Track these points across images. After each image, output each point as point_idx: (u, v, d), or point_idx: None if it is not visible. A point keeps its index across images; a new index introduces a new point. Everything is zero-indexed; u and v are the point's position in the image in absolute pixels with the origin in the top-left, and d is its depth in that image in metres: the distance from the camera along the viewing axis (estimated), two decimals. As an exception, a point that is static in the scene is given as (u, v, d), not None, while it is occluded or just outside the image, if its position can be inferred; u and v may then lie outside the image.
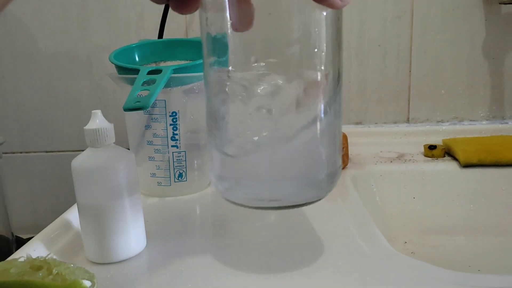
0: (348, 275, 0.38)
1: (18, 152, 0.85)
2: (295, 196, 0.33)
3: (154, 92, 0.44)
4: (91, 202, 0.39)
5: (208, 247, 0.44)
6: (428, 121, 0.80)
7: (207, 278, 0.38)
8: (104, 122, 0.39)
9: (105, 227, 0.39)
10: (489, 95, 0.78)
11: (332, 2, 0.25)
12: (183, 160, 0.56)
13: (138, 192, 0.41)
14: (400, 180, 0.69)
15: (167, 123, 0.54)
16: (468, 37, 0.76)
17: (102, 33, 0.79)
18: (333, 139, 0.33)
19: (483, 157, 0.67)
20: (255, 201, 0.33)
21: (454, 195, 0.68)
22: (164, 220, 0.51)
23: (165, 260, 0.41)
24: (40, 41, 0.80)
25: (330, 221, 0.49)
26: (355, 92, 0.79)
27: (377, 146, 0.77)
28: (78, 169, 0.39)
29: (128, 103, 0.42)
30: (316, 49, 0.31)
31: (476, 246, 0.65)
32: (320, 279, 0.37)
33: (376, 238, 0.45)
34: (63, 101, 0.82)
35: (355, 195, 0.58)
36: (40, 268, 0.31)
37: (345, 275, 0.38)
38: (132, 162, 0.40)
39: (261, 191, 0.32)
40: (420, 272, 0.38)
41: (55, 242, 0.44)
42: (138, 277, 0.38)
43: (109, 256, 0.40)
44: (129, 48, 0.60)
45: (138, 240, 0.42)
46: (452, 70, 0.78)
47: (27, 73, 0.81)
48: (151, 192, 0.57)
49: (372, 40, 0.77)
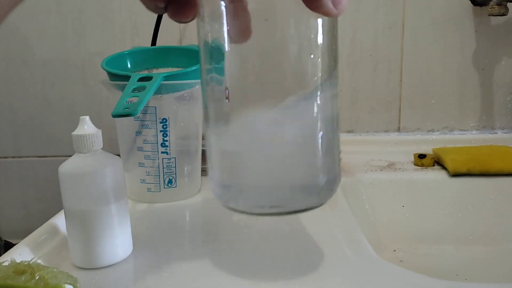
0: (334, 282, 0.38)
1: (11, 157, 0.85)
2: (296, 203, 0.33)
3: (143, 99, 0.44)
4: (77, 207, 0.39)
5: (196, 253, 0.44)
6: (418, 130, 0.81)
7: (195, 284, 0.38)
8: (92, 128, 0.40)
9: (91, 232, 0.40)
10: (479, 105, 0.79)
11: (327, 10, 0.26)
12: (173, 167, 0.56)
13: (125, 198, 0.42)
14: (389, 189, 0.69)
15: (157, 129, 0.54)
16: (459, 48, 0.77)
17: (97, 40, 0.80)
18: (332, 146, 0.33)
19: (472, 166, 0.68)
20: (256, 207, 0.33)
21: (443, 204, 0.68)
22: (153, 226, 0.51)
23: (151, 266, 0.41)
24: (34, 47, 0.81)
25: (318, 229, 0.49)
26: (347, 101, 0.80)
27: (368, 155, 0.78)
28: (65, 174, 0.39)
29: (117, 109, 0.43)
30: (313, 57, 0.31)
31: (465, 255, 0.65)
32: (306, 286, 0.37)
33: (362, 247, 0.45)
34: (57, 106, 0.83)
35: (344, 204, 0.58)
36: (23, 272, 0.31)
37: (330, 283, 0.38)
38: (119, 168, 0.41)
39: (262, 198, 0.32)
40: (404, 280, 0.38)
41: (41, 246, 0.44)
42: (123, 282, 0.39)
43: (95, 261, 0.40)
44: (122, 55, 0.61)
45: (124, 245, 0.42)
46: (442, 80, 0.78)
47: (21, 78, 0.82)
48: (141, 198, 0.58)
49: (364, 50, 0.78)
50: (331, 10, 0.25)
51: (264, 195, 0.32)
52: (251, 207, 0.33)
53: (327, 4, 0.25)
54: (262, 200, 0.32)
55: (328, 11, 0.25)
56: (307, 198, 0.33)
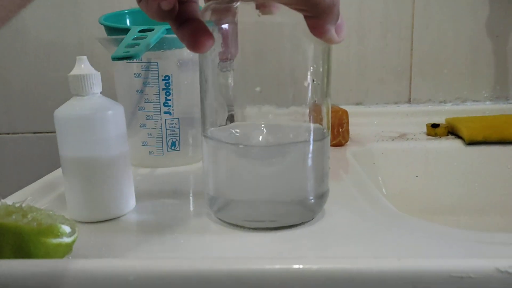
0: (360, 242, 0.35)
1: (5, 133, 0.82)
2: (290, 217, 0.35)
3: (146, 43, 0.41)
4: (76, 155, 0.36)
5: (201, 213, 0.41)
6: (430, 102, 0.77)
7: (201, 237, 0.35)
8: (90, 68, 0.36)
9: (91, 182, 0.36)
10: (493, 75, 0.76)
11: (330, 38, 0.28)
12: (177, 128, 0.53)
13: (127, 148, 0.38)
14: (402, 159, 0.66)
15: (159, 87, 0.51)
16: (471, 13, 0.74)
17: (93, 9, 0.76)
18: (322, 163, 0.36)
19: (488, 134, 0.65)
20: (251, 222, 0.35)
21: (458, 174, 0.65)
22: (156, 189, 0.48)
23: (155, 220, 0.38)
24: (27, 18, 0.77)
25: (333, 191, 0.46)
26: (355, 71, 0.77)
27: (378, 126, 0.75)
28: (62, 119, 0.36)
29: (117, 52, 0.39)
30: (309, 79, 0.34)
31: (481, 226, 0.62)
32: (333, 244, 0.34)
33: (382, 203, 0.42)
34: (52, 80, 0.79)
35: (357, 168, 0.55)
36: (14, 213, 0.28)
37: (355, 242, 0.35)
38: (121, 113, 0.37)
39: (258, 212, 0.35)
40: (427, 230, 0.35)
41: (34, 202, 0.40)
42: (125, 237, 0.35)
43: (95, 214, 0.37)
44: (121, 14, 0.57)
45: (127, 198, 0.39)
46: (454, 48, 0.75)
47: (14, 51, 0.78)
48: (142, 163, 0.54)
49: (373, 17, 0.75)
50: (333, 37, 0.28)
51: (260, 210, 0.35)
52: (246, 222, 0.35)
53: (331, 32, 0.28)
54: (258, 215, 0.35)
55: (331, 38, 0.28)
56: (300, 213, 0.36)
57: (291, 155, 0.35)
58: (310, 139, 0.35)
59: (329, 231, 0.35)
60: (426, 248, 0.31)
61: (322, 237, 0.34)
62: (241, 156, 0.35)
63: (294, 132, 0.36)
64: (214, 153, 0.36)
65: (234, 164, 0.35)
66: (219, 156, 0.36)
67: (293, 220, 0.35)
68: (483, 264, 0.24)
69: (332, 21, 0.27)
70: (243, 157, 0.35)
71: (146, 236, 0.35)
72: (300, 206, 0.36)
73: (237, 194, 0.35)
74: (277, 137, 0.36)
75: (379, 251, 0.31)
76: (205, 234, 0.35)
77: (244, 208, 0.35)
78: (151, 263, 0.24)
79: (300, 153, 0.35)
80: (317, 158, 0.35)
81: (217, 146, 0.36)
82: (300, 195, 0.35)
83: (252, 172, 0.34)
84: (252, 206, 0.35)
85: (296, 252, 0.31)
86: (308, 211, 0.36)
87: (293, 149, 0.35)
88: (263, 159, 0.34)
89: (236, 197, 0.35)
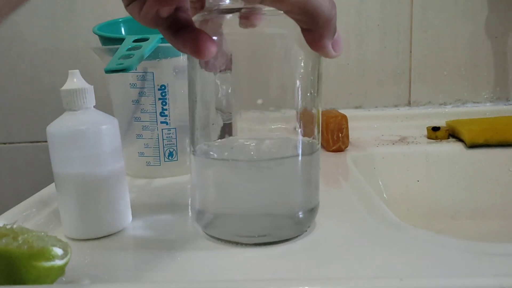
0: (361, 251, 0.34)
1: (2, 143, 0.81)
2: (281, 231, 0.35)
3: (140, 55, 0.40)
4: (69, 171, 0.35)
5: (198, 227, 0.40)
6: (430, 104, 0.77)
7: (199, 254, 0.34)
8: (83, 82, 0.36)
9: (86, 199, 0.35)
10: (493, 76, 0.75)
11: (327, 52, 0.29)
12: (174, 138, 0.52)
13: (122, 162, 0.38)
14: (403, 163, 0.65)
15: (155, 97, 0.50)
16: (470, 15, 0.73)
17: (89, 19, 0.75)
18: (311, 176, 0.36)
19: (490, 136, 0.64)
20: (242, 237, 0.34)
21: (459, 177, 0.65)
22: (152, 202, 0.47)
23: (152, 236, 0.37)
24: (23, 28, 0.76)
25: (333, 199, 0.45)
26: (354, 74, 0.76)
27: (377, 130, 0.74)
28: (54, 134, 0.35)
29: (110, 64, 0.38)
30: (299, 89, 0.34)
31: (482, 230, 0.62)
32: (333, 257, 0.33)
33: (382, 211, 0.41)
34: (48, 90, 0.78)
35: (357, 174, 0.54)
36: (5, 236, 0.27)
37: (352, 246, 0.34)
38: (115, 127, 0.37)
39: (249, 227, 0.34)
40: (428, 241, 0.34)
41: (28, 219, 0.40)
42: (121, 254, 0.34)
43: (89, 231, 0.36)
44: (115, 22, 0.57)
45: (122, 214, 0.38)
46: (454, 50, 0.75)
47: (11, 61, 0.78)
48: (139, 173, 0.54)
49: (371, 20, 0.74)
50: (330, 52, 0.29)
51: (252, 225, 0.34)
52: (236, 236, 0.34)
53: (328, 47, 0.28)
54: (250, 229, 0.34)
55: (328, 52, 0.28)
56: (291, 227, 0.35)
57: (281, 169, 0.34)
58: (299, 153, 0.34)
59: (324, 245, 0.34)
60: (428, 264, 0.30)
61: (316, 253, 0.33)
62: (230, 171, 0.34)
63: (283, 146, 0.36)
64: (202, 168, 0.36)
65: (223, 179, 0.35)
66: (207, 171, 0.35)
67: (284, 234, 0.35)
68: (489, 283, 0.23)
69: (329, 35, 0.27)
70: (232, 172, 0.34)
71: (143, 253, 0.34)
72: (290, 220, 0.35)
73: (226, 209, 0.35)
74: (266, 151, 0.36)
75: (379, 268, 0.30)
76: (200, 250, 0.34)
77: (233, 222, 0.35)
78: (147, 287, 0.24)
79: (290, 167, 0.34)
80: (307, 172, 0.35)
81: (205, 161, 0.35)
82: (291, 209, 0.35)
83: (240, 187, 0.34)
84: (242, 220, 0.34)
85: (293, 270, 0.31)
86: (299, 225, 0.36)
87: (282, 163, 0.34)
88: (253, 174, 0.34)
89: (225, 212, 0.35)
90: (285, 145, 0.36)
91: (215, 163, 0.35)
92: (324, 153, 0.64)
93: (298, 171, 0.35)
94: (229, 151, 0.36)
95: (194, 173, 0.36)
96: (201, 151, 0.35)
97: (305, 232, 0.36)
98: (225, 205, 0.35)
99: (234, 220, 0.35)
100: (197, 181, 0.36)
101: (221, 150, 0.36)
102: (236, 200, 0.34)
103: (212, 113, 0.35)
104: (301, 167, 0.35)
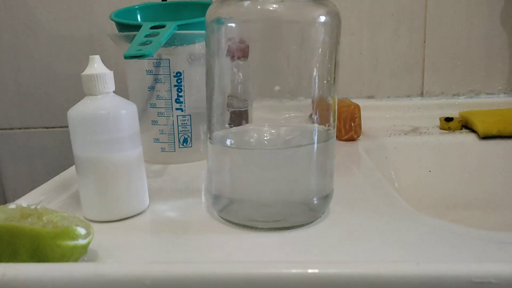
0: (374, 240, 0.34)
1: (17, 128, 0.82)
2: (295, 217, 0.35)
3: (158, 41, 0.41)
4: (89, 155, 0.36)
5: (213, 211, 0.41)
6: (443, 95, 0.76)
7: (215, 237, 0.35)
8: (103, 68, 0.36)
9: (105, 182, 0.36)
10: (507, 67, 0.74)
11: None
12: (188, 125, 0.53)
13: (140, 147, 0.38)
14: (415, 153, 0.65)
15: (171, 83, 0.51)
16: (485, 5, 0.73)
17: (104, 7, 0.76)
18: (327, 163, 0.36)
19: (503, 127, 0.64)
20: (257, 222, 0.35)
21: (472, 168, 0.65)
22: (168, 187, 0.47)
23: (168, 219, 0.38)
24: (40, 16, 0.77)
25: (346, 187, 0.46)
26: (367, 64, 0.76)
27: (390, 120, 0.74)
28: (75, 118, 0.36)
29: (129, 51, 0.39)
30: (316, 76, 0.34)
31: (495, 221, 0.62)
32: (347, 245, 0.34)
33: (395, 200, 0.42)
34: (63, 75, 0.79)
35: (369, 164, 0.55)
36: (30, 216, 0.28)
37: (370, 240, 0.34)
38: (134, 112, 0.37)
39: (264, 212, 0.35)
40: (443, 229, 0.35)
41: (48, 201, 0.41)
42: (140, 237, 0.35)
43: (109, 213, 0.37)
44: (131, 9, 0.57)
45: (141, 197, 0.39)
46: (468, 40, 0.74)
47: (27, 48, 0.78)
48: (154, 159, 0.54)
49: (385, 9, 0.74)
50: None
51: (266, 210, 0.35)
52: (250, 221, 0.35)
53: None
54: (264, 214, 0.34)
55: None
56: (305, 213, 0.36)
57: (296, 156, 0.35)
58: (315, 141, 0.35)
59: (338, 231, 0.35)
60: (444, 250, 0.30)
61: (331, 238, 0.34)
62: (246, 157, 0.35)
63: (299, 134, 0.36)
64: (219, 155, 0.36)
65: (239, 165, 0.35)
66: (224, 157, 0.36)
67: (299, 220, 0.35)
68: (504, 269, 0.23)
69: None
70: (248, 158, 0.35)
71: (160, 236, 0.35)
72: (305, 206, 0.36)
73: (242, 194, 0.35)
74: (283, 139, 0.36)
75: (394, 253, 0.30)
76: (216, 233, 0.35)
77: (248, 207, 0.35)
78: (168, 267, 0.24)
79: (306, 155, 0.35)
80: (322, 159, 0.36)
81: (222, 148, 0.36)
82: (305, 195, 0.35)
83: (257, 173, 0.34)
84: (257, 205, 0.35)
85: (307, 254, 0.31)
86: (313, 211, 0.36)
87: (298, 151, 0.35)
88: (268, 161, 0.34)
89: (240, 197, 0.36)
90: (301, 132, 0.36)
91: (232, 150, 0.36)
92: (336, 142, 0.64)
93: (314, 158, 0.35)
94: (245, 138, 0.36)
95: (211, 159, 0.37)
96: (218, 138, 0.36)
97: (319, 218, 0.37)
98: (241, 191, 0.36)
99: (250, 205, 0.35)
100: (213, 167, 0.37)
101: (238, 137, 0.36)
102: (252, 186, 0.35)
103: (229, 100, 0.36)
104: (316, 154, 0.35)
